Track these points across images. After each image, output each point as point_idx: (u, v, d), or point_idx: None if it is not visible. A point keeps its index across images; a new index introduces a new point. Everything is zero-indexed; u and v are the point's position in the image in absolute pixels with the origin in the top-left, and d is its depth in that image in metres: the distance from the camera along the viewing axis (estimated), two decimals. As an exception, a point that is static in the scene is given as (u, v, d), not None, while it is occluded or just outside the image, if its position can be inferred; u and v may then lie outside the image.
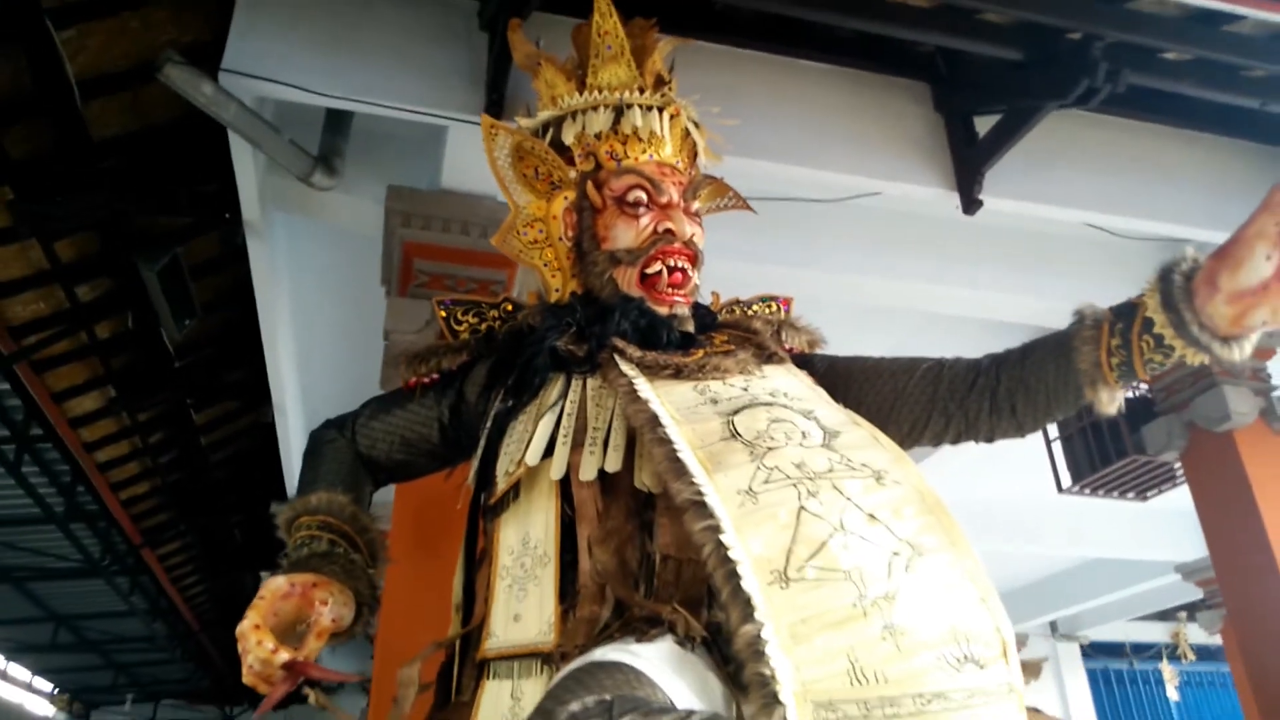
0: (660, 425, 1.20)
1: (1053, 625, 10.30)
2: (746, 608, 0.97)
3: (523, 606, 1.28)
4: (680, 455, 1.14)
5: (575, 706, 0.86)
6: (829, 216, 3.66)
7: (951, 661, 0.98)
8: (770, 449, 1.16)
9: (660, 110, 1.60)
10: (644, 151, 1.58)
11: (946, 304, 3.99)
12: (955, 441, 1.45)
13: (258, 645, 1.22)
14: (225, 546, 6.17)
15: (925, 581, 1.02)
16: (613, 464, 1.27)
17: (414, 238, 3.28)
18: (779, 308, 1.77)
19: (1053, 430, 4.90)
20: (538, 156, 1.60)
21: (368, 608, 1.42)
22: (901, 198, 3.39)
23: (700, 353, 1.42)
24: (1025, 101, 2.98)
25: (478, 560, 1.49)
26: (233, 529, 5.80)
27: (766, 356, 1.46)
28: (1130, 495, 4.79)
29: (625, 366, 1.34)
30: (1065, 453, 4.81)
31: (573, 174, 1.59)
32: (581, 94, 1.63)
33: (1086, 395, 1.29)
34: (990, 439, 1.42)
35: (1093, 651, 10.53)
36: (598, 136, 1.57)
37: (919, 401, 1.43)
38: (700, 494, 1.08)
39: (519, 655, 1.25)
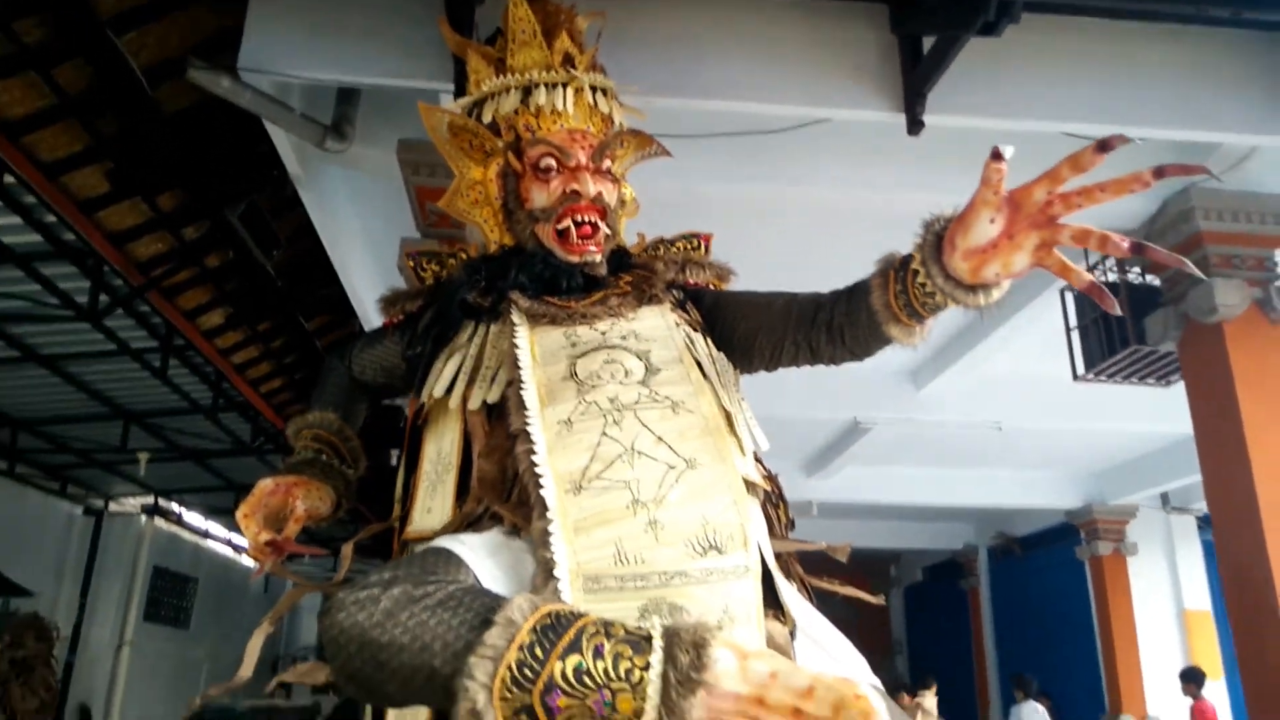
0: (519, 367, 1.49)
1: (1164, 498, 10.21)
2: (542, 509, 1.27)
3: (434, 502, 1.60)
4: (524, 393, 1.44)
5: (373, 578, 1.15)
6: (813, 134, 3.89)
7: (698, 549, 1.25)
8: (594, 386, 1.45)
9: (565, 86, 1.82)
10: (555, 122, 1.78)
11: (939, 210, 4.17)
12: (811, 364, 1.65)
13: (245, 530, 1.61)
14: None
15: (690, 489, 1.30)
16: (493, 396, 1.54)
17: (423, 183, 3.82)
18: (699, 244, 2.00)
19: (1072, 319, 5.01)
20: (470, 131, 1.82)
21: (345, 499, 1.80)
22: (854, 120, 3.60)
23: (599, 295, 1.69)
24: (947, 31, 3.14)
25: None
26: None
27: (648, 298, 1.70)
28: (1150, 381, 4.87)
29: (515, 316, 1.61)
30: (1081, 341, 4.92)
31: (500, 144, 1.80)
32: (499, 77, 1.91)
33: (884, 331, 1.42)
34: (834, 363, 1.61)
35: (1208, 524, 10.36)
36: (515, 113, 1.80)
37: (774, 332, 1.64)
38: (527, 423, 1.39)
39: (426, 538, 1.51)
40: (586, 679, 0.97)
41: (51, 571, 8.89)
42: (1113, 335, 4.59)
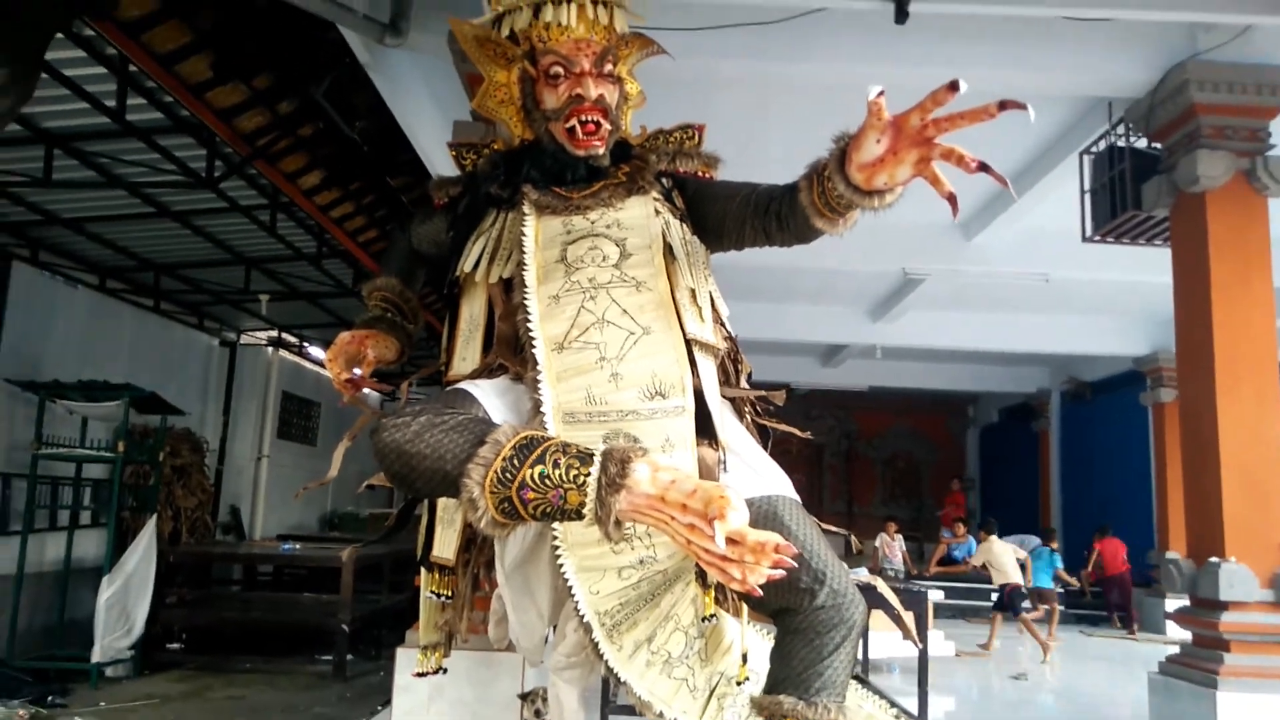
0: (523, 251, 1.82)
1: None
2: (534, 363, 1.66)
3: (468, 353, 1.97)
4: (525, 273, 1.78)
5: (407, 409, 1.49)
6: (813, 21, 4.20)
7: (647, 394, 1.64)
8: (578, 269, 1.78)
9: (569, 2, 1.98)
10: (562, 34, 1.97)
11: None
12: (768, 245, 1.86)
13: (330, 370, 2.01)
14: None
15: (644, 349, 1.68)
16: (507, 273, 1.86)
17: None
18: (694, 134, 2.18)
19: (1088, 182, 5.25)
20: (493, 42, 2.05)
21: (407, 348, 2.17)
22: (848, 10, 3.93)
23: (596, 186, 1.96)
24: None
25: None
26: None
27: (636, 189, 1.96)
28: (1158, 243, 5.13)
29: (526, 206, 1.91)
30: (1092, 204, 5.18)
31: (519, 52, 2.02)
32: None
33: (813, 223, 1.64)
34: (785, 245, 1.82)
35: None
36: (529, 26, 2.00)
37: (736, 220, 1.88)
38: (525, 298, 1.74)
39: (459, 381, 1.86)
40: (547, 480, 1.34)
41: (198, 394, 10.23)
42: (1115, 200, 4.86)
